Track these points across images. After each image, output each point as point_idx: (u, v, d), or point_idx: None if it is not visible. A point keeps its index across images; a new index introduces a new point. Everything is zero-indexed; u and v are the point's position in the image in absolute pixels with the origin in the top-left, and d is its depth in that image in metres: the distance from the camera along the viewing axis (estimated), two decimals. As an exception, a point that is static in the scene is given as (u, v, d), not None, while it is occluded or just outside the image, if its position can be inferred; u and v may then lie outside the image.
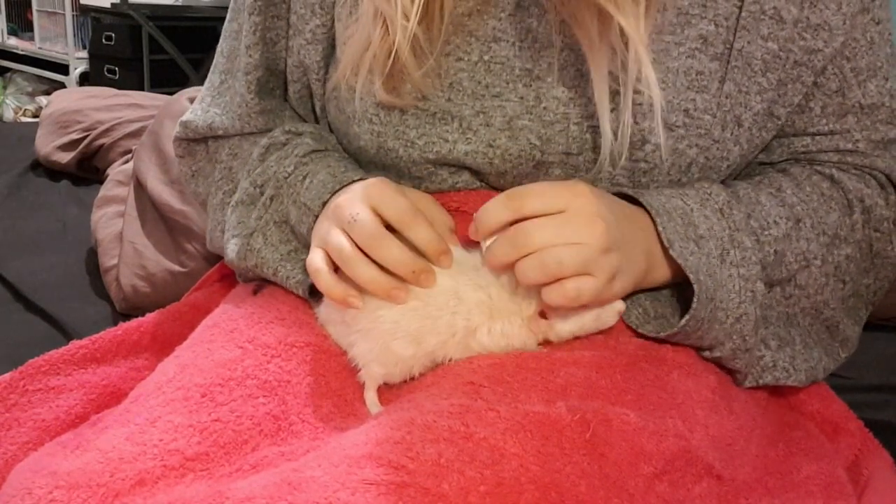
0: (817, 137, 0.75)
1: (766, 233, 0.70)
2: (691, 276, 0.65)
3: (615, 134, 0.66)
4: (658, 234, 0.66)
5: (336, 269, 0.66)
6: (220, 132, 0.83)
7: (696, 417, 0.64)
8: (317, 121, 0.84)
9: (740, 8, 0.69)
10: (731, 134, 0.71)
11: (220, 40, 0.85)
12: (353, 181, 0.71)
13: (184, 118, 0.86)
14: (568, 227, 0.61)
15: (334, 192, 0.71)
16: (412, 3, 0.68)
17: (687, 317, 0.65)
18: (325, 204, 0.70)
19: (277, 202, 0.75)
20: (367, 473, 0.50)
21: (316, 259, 0.67)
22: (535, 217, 0.61)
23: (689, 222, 0.67)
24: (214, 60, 0.86)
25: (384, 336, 0.64)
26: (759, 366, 0.71)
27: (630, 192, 0.68)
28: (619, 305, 0.65)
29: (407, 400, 0.61)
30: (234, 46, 0.83)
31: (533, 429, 0.55)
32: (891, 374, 1.10)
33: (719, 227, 0.68)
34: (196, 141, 0.86)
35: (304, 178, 0.74)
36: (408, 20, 0.68)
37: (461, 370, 0.63)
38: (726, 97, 0.70)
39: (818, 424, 0.79)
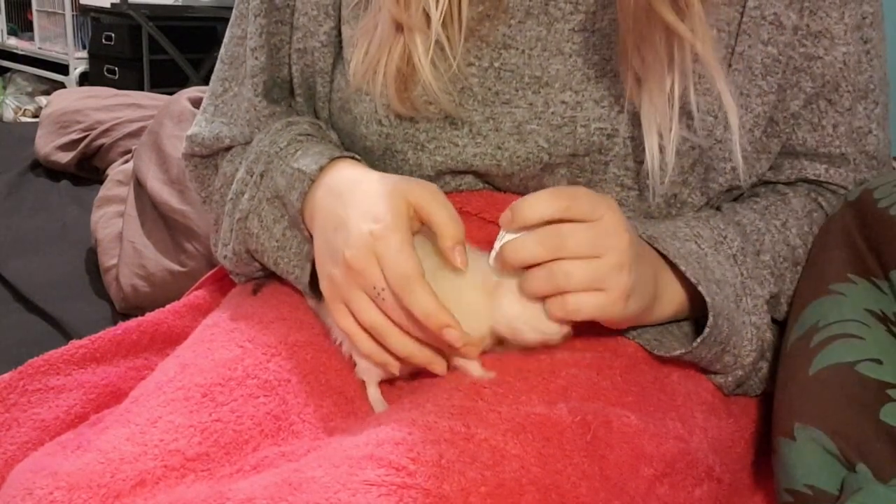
0: (831, 171, 0.76)
1: (782, 264, 0.71)
2: (711, 319, 0.64)
3: (662, 152, 0.67)
4: (675, 275, 0.66)
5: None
6: (228, 142, 0.80)
7: (695, 420, 0.65)
8: None
9: (742, 13, 0.70)
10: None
11: (222, 48, 0.83)
12: (353, 158, 0.71)
13: (189, 132, 0.83)
14: (598, 238, 0.60)
15: (333, 159, 0.69)
16: (436, 9, 0.68)
17: (682, 350, 0.66)
18: (322, 169, 0.68)
19: (268, 178, 0.73)
20: (368, 474, 0.50)
21: (349, 325, 0.64)
22: (573, 221, 0.60)
23: (705, 266, 0.67)
24: (215, 69, 0.84)
25: None
26: (757, 378, 0.72)
27: (644, 236, 0.67)
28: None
29: (408, 400, 0.61)
30: (237, 53, 0.81)
31: (534, 430, 0.55)
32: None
33: (732, 274, 0.68)
34: (204, 161, 0.83)
35: (297, 151, 0.72)
36: (428, 28, 0.68)
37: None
38: None
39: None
